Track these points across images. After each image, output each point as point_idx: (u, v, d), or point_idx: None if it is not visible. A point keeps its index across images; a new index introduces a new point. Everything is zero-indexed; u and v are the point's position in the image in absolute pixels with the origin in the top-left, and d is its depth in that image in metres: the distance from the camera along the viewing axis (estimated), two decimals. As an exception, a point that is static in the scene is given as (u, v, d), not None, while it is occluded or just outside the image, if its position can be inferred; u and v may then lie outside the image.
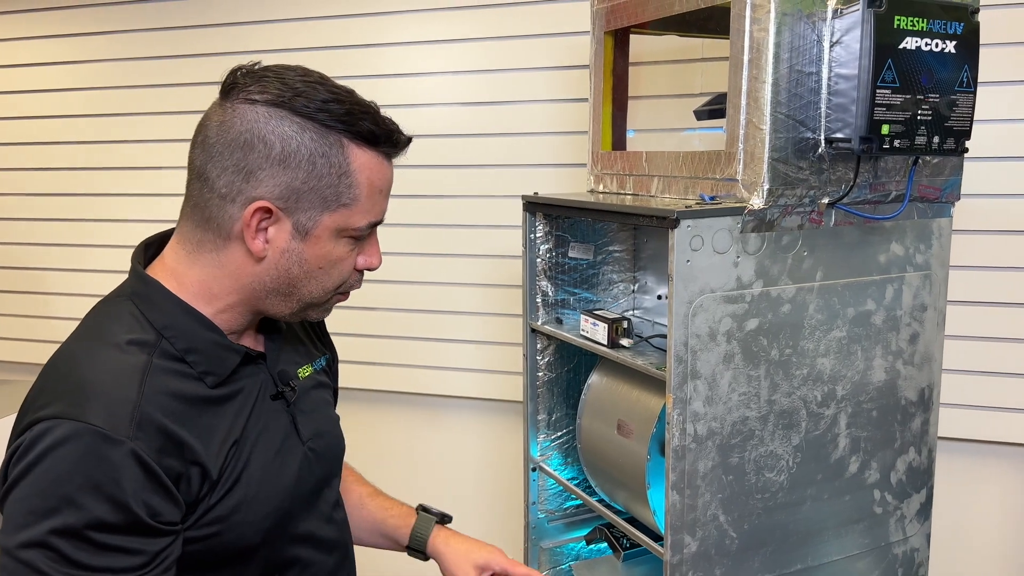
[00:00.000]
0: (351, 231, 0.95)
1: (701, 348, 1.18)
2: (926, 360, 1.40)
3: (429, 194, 2.19)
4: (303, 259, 0.94)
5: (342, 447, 1.17)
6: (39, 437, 0.83)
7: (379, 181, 0.95)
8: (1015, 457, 1.89)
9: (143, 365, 0.89)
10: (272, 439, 1.00)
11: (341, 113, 0.91)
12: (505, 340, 2.18)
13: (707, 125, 1.61)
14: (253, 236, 0.91)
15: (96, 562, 0.82)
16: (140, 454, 0.84)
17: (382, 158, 0.96)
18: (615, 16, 1.49)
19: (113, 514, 0.82)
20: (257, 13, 2.24)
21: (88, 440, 0.82)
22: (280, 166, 0.89)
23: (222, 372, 0.95)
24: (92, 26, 2.40)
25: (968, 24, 1.17)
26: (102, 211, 2.49)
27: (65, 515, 0.81)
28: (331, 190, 0.92)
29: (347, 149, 0.92)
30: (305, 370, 1.09)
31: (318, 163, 0.90)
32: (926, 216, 1.35)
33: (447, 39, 2.12)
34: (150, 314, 0.93)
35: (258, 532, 0.97)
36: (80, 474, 0.81)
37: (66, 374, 0.89)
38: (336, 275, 0.98)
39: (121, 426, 0.84)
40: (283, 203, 0.91)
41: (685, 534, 1.21)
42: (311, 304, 0.99)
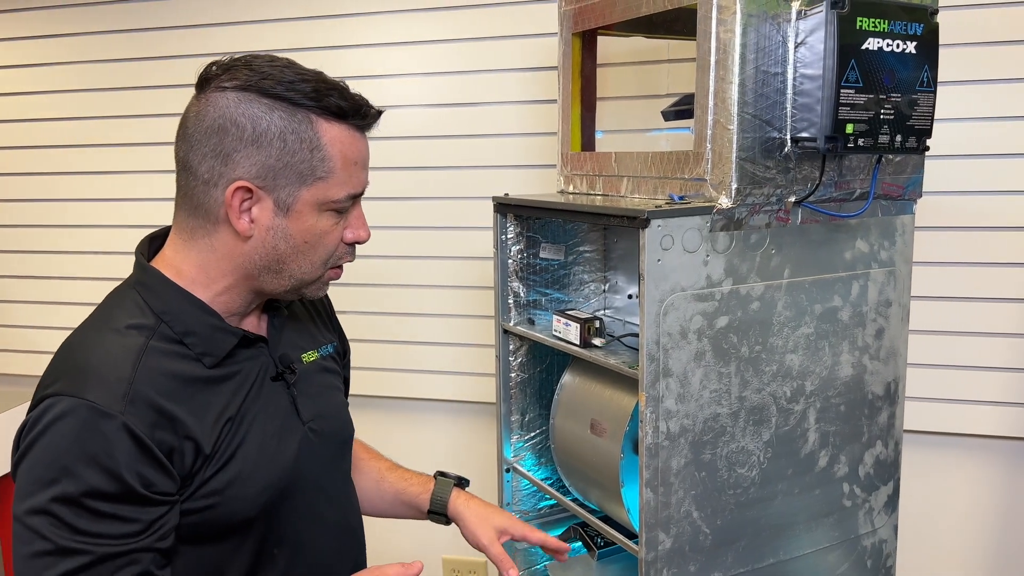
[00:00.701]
0: (331, 204, 0.99)
1: (672, 346, 1.19)
2: (891, 355, 1.43)
3: (399, 196, 2.18)
4: (288, 235, 0.98)
5: (348, 431, 1.22)
6: (44, 412, 0.90)
7: (352, 153, 0.99)
8: (978, 448, 1.93)
9: (140, 347, 0.95)
10: (271, 418, 1.04)
11: (308, 91, 0.96)
12: (477, 342, 2.18)
13: (674, 126, 1.62)
14: (238, 216, 0.96)
15: (93, 528, 0.88)
16: (132, 428, 0.90)
17: (353, 131, 1.00)
18: (582, 18, 1.50)
19: (107, 483, 0.88)
20: (230, 14, 2.21)
21: (84, 414, 0.89)
22: (253, 146, 0.94)
23: (219, 353, 1.00)
24: (63, 27, 2.35)
25: (928, 25, 1.19)
26: (62, 217, 2.44)
27: (64, 484, 0.87)
28: (305, 165, 0.96)
29: (316, 124, 0.96)
30: (311, 355, 1.14)
31: (289, 140, 0.95)
32: (889, 213, 1.38)
33: (416, 40, 2.12)
34: (151, 301, 0.99)
35: (254, 506, 1.01)
36: (77, 446, 0.88)
37: (72, 356, 0.96)
38: (323, 249, 1.01)
39: (114, 402, 0.90)
40: (261, 181, 0.96)
41: (659, 531, 1.22)
42: (304, 280, 1.03)
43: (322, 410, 1.13)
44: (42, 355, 2.49)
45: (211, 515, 0.98)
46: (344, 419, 1.20)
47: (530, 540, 1.29)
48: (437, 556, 2.34)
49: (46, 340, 2.49)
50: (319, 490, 1.11)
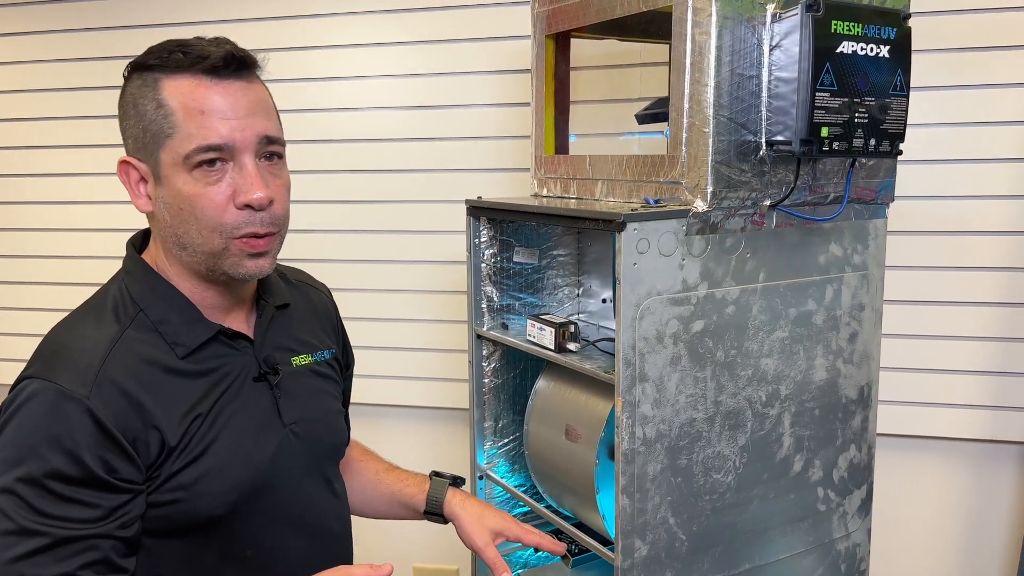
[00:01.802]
0: (187, 161, 0.94)
1: (648, 351, 1.18)
2: (865, 358, 1.43)
3: (371, 199, 2.15)
4: (167, 203, 0.97)
5: (337, 438, 1.20)
6: (17, 394, 0.92)
7: (194, 102, 0.94)
8: (949, 451, 1.95)
9: (115, 334, 0.96)
10: (248, 418, 1.03)
11: (157, 52, 0.95)
12: (450, 347, 2.15)
13: (647, 129, 1.62)
14: (136, 194, 0.99)
15: (55, 511, 0.88)
16: (95, 412, 0.90)
17: (200, 78, 0.94)
18: (556, 20, 1.49)
19: (70, 466, 0.89)
20: (201, 14, 2.17)
21: (52, 397, 0.90)
22: (123, 121, 0.98)
23: (190, 343, 0.99)
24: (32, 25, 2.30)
25: (900, 29, 1.20)
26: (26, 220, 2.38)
27: (28, 465, 0.88)
28: (155, 125, 0.94)
29: (160, 83, 0.95)
30: (303, 358, 1.13)
31: (139, 104, 0.95)
32: (863, 217, 1.38)
33: (389, 42, 2.09)
34: (132, 289, 1.01)
35: (222, 504, 1.00)
36: (43, 427, 0.89)
37: (52, 341, 0.98)
38: (203, 215, 0.95)
39: (81, 386, 0.91)
40: (137, 155, 0.97)
41: (636, 538, 1.21)
42: (207, 253, 0.98)
43: (307, 414, 1.11)
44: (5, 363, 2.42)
45: (178, 510, 0.97)
46: (332, 425, 1.18)
47: (525, 542, 1.28)
48: (408, 564, 2.31)
49: (10, 347, 2.42)
50: (299, 494, 1.09)
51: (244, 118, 0.95)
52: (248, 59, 0.98)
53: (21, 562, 0.87)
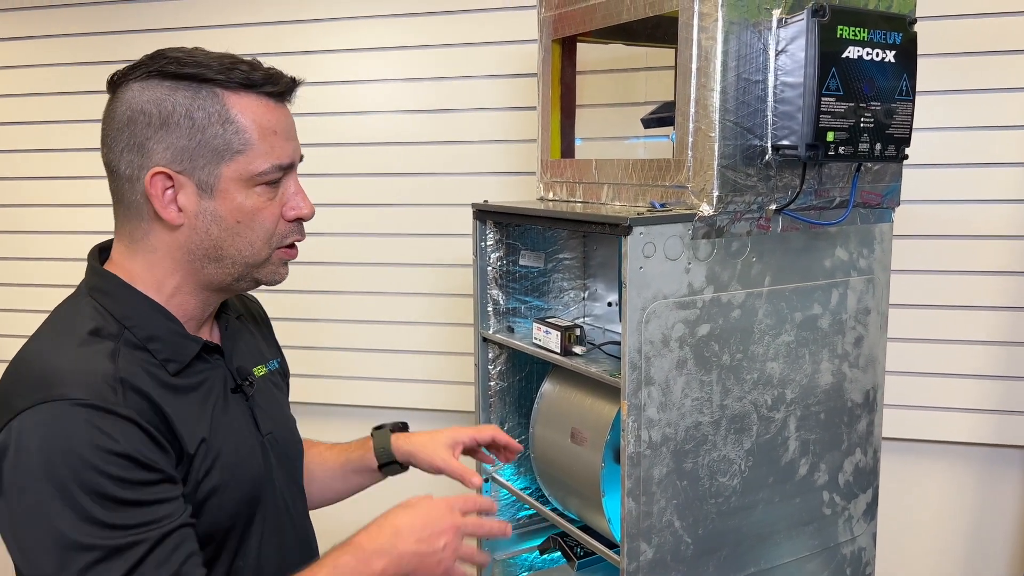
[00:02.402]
0: (256, 177, 0.95)
1: (654, 354, 1.18)
2: (870, 362, 1.43)
3: (378, 203, 2.16)
4: (218, 216, 0.95)
5: (299, 447, 1.19)
6: (21, 431, 0.82)
7: (268, 122, 0.95)
8: (954, 455, 1.94)
9: (112, 349, 0.90)
10: (238, 430, 1.02)
11: (212, 65, 0.93)
12: (456, 350, 2.16)
13: (653, 133, 1.62)
14: (164, 206, 0.93)
15: (136, 519, 0.83)
16: (133, 417, 0.85)
17: (267, 100, 0.96)
18: (562, 24, 1.49)
19: (128, 470, 0.83)
20: (203, 18, 2.18)
21: (79, 412, 0.83)
22: (163, 130, 0.91)
23: (182, 359, 0.96)
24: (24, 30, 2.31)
25: (906, 34, 1.20)
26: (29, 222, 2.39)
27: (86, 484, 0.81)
28: (219, 140, 0.93)
29: (224, 97, 0.93)
30: (260, 369, 1.11)
31: (197, 117, 0.92)
32: (868, 221, 1.38)
33: (395, 46, 2.10)
34: (110, 306, 0.94)
35: (229, 517, 0.99)
36: (86, 442, 0.82)
37: (32, 369, 0.89)
38: (259, 228, 0.97)
39: (107, 395, 0.85)
40: (179, 165, 0.92)
41: (641, 541, 1.21)
42: (250, 264, 0.98)
43: (276, 423, 1.11)
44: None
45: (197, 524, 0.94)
46: (295, 433, 1.18)
47: (480, 440, 1.26)
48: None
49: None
50: (280, 502, 1.09)
51: (296, 139, 1.00)
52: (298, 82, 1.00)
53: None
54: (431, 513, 0.99)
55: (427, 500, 1.01)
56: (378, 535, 0.96)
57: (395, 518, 0.98)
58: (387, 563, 0.94)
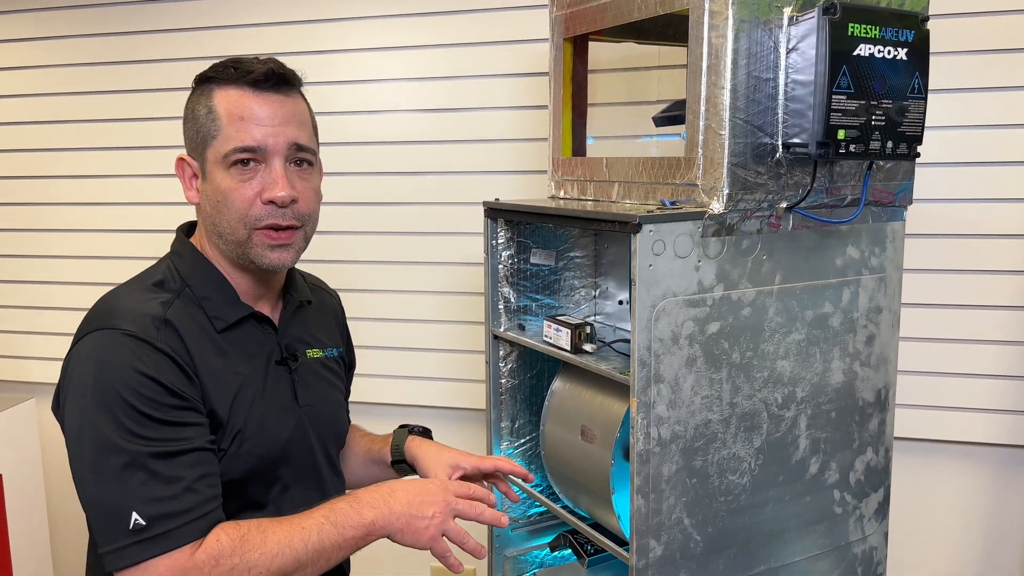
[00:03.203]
0: (225, 159, 1.08)
1: (664, 352, 1.19)
2: (882, 361, 1.43)
3: (389, 201, 2.17)
4: (208, 196, 1.11)
5: (342, 426, 1.33)
6: (80, 349, 1.02)
7: (237, 108, 1.08)
8: (967, 455, 1.93)
9: (168, 299, 1.09)
10: (271, 396, 1.14)
11: (216, 68, 1.11)
12: (467, 347, 2.17)
13: (665, 132, 1.62)
14: (187, 186, 1.14)
15: (160, 434, 0.98)
16: (167, 351, 1.02)
17: (244, 89, 1.09)
18: (574, 23, 1.50)
19: (160, 393, 0.99)
20: (222, 18, 2.20)
21: (122, 339, 1.01)
22: (185, 124, 1.13)
23: (229, 318, 1.12)
24: (56, 30, 2.33)
25: (919, 32, 1.19)
26: (48, 221, 2.42)
27: (123, 397, 0.97)
28: (205, 129, 1.09)
29: (213, 92, 1.10)
30: (315, 352, 1.25)
31: (196, 111, 1.11)
32: (880, 220, 1.38)
33: (408, 45, 2.11)
34: (180, 267, 1.14)
35: (242, 470, 1.09)
36: (125, 363, 0.99)
37: (105, 306, 1.08)
38: (232, 207, 1.09)
39: (150, 330, 1.03)
40: (192, 152, 1.13)
41: (650, 538, 1.22)
42: (234, 241, 1.11)
43: (318, 400, 1.22)
44: (30, 360, 2.47)
45: None
46: (338, 414, 1.30)
47: (483, 469, 1.30)
48: (425, 565, 2.32)
49: (35, 345, 2.46)
50: (308, 470, 1.19)
51: (278, 126, 1.09)
52: (288, 76, 1.12)
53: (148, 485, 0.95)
54: (427, 486, 1.12)
55: (427, 478, 1.19)
56: (375, 491, 1.09)
57: (393, 483, 1.12)
58: (377, 515, 1.06)
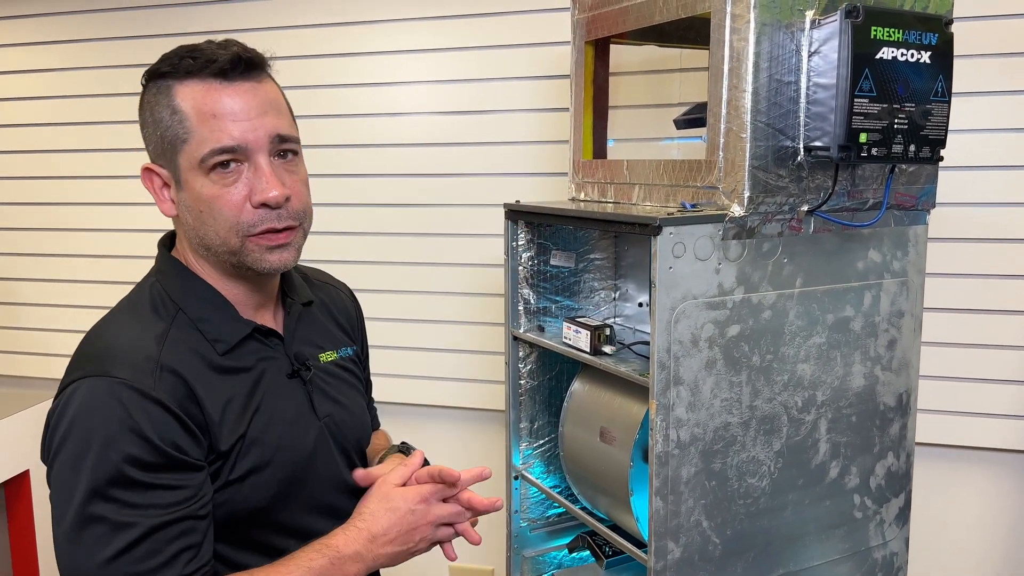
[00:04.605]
0: (202, 164, 0.95)
1: (684, 354, 1.19)
2: (903, 366, 1.42)
3: (410, 203, 2.18)
4: (188, 206, 0.98)
5: (364, 431, 1.20)
6: (70, 399, 0.91)
7: (207, 105, 0.95)
8: (990, 462, 1.91)
9: (162, 331, 0.97)
10: (287, 412, 1.04)
11: (168, 60, 0.96)
12: (487, 349, 2.17)
13: (686, 134, 1.62)
14: (161, 199, 1.00)
15: (142, 500, 0.89)
16: (163, 400, 0.91)
17: (212, 82, 0.95)
18: (595, 26, 1.50)
19: (147, 452, 0.89)
20: (241, 21, 2.23)
21: (115, 389, 0.89)
22: (145, 129, 0.99)
23: (230, 340, 1.01)
24: (66, 34, 2.38)
25: (942, 35, 1.19)
26: (73, 220, 2.46)
27: (106, 459, 0.87)
28: (172, 132, 0.96)
29: (173, 89, 0.96)
30: (329, 355, 1.15)
31: (156, 112, 0.97)
32: (902, 224, 1.37)
33: (429, 48, 2.12)
34: (170, 288, 1.02)
35: (266, 497, 1.01)
36: (113, 420, 0.88)
37: (94, 342, 0.97)
38: (220, 216, 0.96)
39: (144, 378, 0.91)
40: (158, 161, 0.99)
41: (669, 540, 1.22)
42: (227, 251, 0.99)
43: (338, 408, 1.13)
44: (52, 357, 2.51)
45: (229, 503, 0.98)
46: (360, 418, 1.19)
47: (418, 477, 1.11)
48: (443, 564, 2.33)
49: (56, 342, 2.50)
50: (335, 486, 1.11)
51: (255, 119, 0.96)
52: (256, 59, 0.98)
53: (119, 560, 0.87)
54: (405, 512, 1.03)
55: (400, 493, 1.04)
56: (355, 538, 1.00)
57: (372, 521, 1.02)
58: (360, 568, 0.99)
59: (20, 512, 2.15)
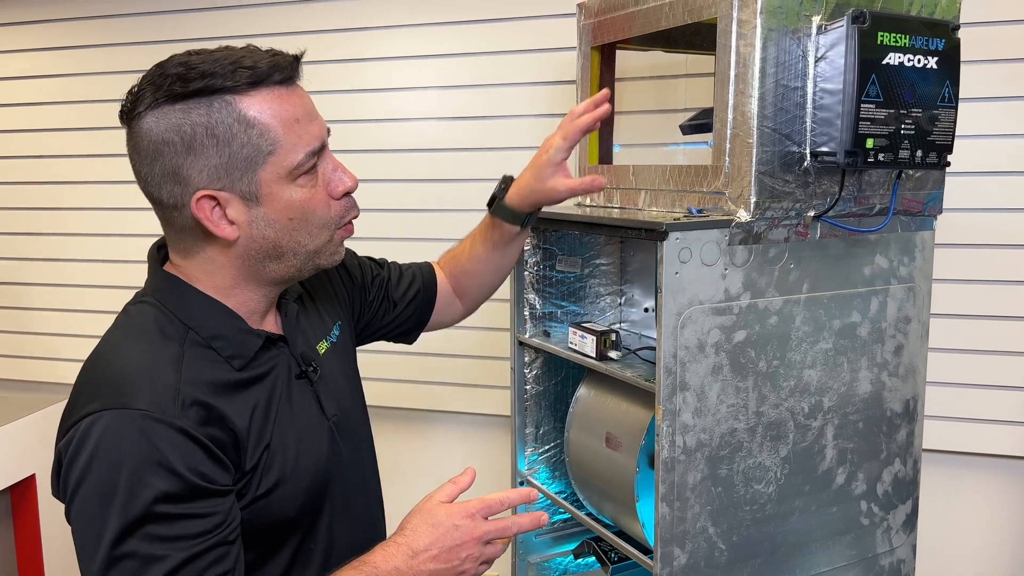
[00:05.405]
0: (295, 171, 0.95)
1: (690, 360, 1.19)
2: (910, 372, 1.41)
3: (416, 208, 2.19)
4: (271, 220, 0.95)
5: (364, 420, 1.21)
6: (88, 433, 0.86)
7: (288, 112, 0.94)
8: (998, 469, 1.90)
9: (177, 354, 0.94)
10: (302, 418, 1.04)
11: (215, 72, 0.90)
12: (492, 354, 2.17)
13: (692, 140, 1.62)
14: (217, 226, 0.94)
15: (172, 532, 0.86)
16: (188, 430, 0.88)
17: (278, 88, 0.94)
18: (602, 32, 1.51)
19: (175, 485, 0.86)
20: (250, 27, 2.24)
21: (138, 423, 0.86)
22: (192, 155, 0.91)
23: (247, 354, 0.99)
24: (71, 39, 2.39)
25: (949, 40, 1.19)
26: (82, 225, 2.47)
27: (133, 497, 0.84)
28: (247, 148, 0.92)
29: (236, 103, 0.91)
30: (323, 345, 1.13)
31: (218, 132, 0.91)
32: (909, 229, 1.37)
33: (435, 54, 2.13)
34: (174, 307, 0.97)
35: (294, 507, 1.01)
36: (138, 455, 0.85)
37: (103, 370, 0.93)
38: (314, 218, 0.98)
39: (167, 407, 0.88)
40: (219, 183, 0.92)
41: (675, 546, 1.21)
42: (312, 251, 1.00)
43: (342, 403, 1.12)
44: (63, 362, 2.52)
45: (258, 516, 0.97)
46: (358, 411, 1.19)
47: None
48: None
49: (64, 347, 2.51)
50: (348, 483, 1.11)
51: (318, 116, 0.99)
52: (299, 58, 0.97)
53: None
54: (448, 528, 0.97)
55: (445, 509, 0.98)
56: (395, 554, 0.95)
57: (413, 537, 0.97)
58: None
59: (26, 515, 2.15)
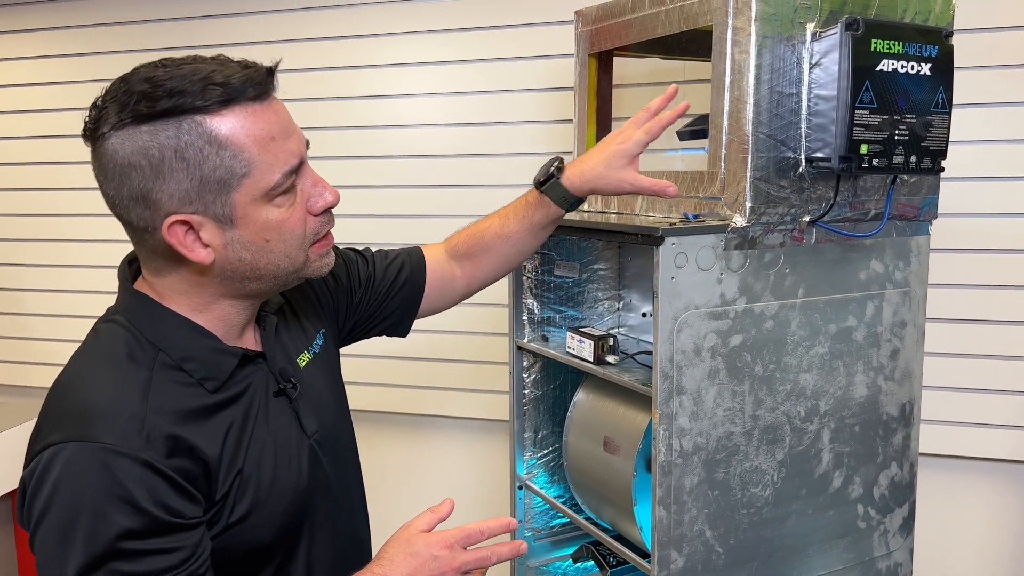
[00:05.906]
0: (271, 192, 0.90)
1: (686, 364, 1.19)
2: (906, 376, 1.42)
3: (415, 213, 2.20)
4: (247, 242, 0.91)
5: (349, 434, 1.17)
6: (50, 465, 0.83)
7: (262, 130, 0.88)
8: (994, 473, 1.91)
9: (145, 380, 0.89)
10: (279, 438, 1.00)
11: (183, 90, 0.84)
12: (491, 359, 2.18)
13: (688, 145, 1.63)
14: (191, 250, 0.89)
15: (138, 568, 0.83)
16: (153, 463, 0.84)
17: (252, 105, 0.88)
18: (599, 39, 1.52)
19: (139, 521, 0.83)
20: (249, 34, 2.25)
21: (100, 456, 0.83)
22: (160, 179, 0.86)
23: (220, 376, 0.94)
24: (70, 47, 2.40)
25: (942, 47, 1.20)
26: (81, 231, 2.47)
27: (96, 534, 0.82)
28: (220, 170, 0.86)
29: (206, 123, 0.85)
30: (304, 357, 1.09)
31: (188, 155, 0.85)
32: (904, 234, 1.38)
33: (435, 61, 2.14)
34: (144, 328, 0.93)
35: (271, 531, 0.97)
36: (101, 490, 0.82)
37: (68, 397, 0.90)
38: (291, 236, 0.93)
39: (131, 439, 0.84)
40: (190, 207, 0.87)
41: (672, 550, 1.22)
42: (291, 269, 0.95)
43: (324, 419, 1.08)
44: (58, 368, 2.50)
45: (231, 543, 0.94)
46: (342, 424, 1.15)
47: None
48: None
49: (63, 353, 2.48)
50: (330, 502, 1.08)
51: (296, 131, 0.93)
52: (273, 69, 0.91)
53: None
54: (427, 559, 0.94)
55: (423, 539, 0.96)
56: None
57: (390, 567, 0.94)
58: None
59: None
